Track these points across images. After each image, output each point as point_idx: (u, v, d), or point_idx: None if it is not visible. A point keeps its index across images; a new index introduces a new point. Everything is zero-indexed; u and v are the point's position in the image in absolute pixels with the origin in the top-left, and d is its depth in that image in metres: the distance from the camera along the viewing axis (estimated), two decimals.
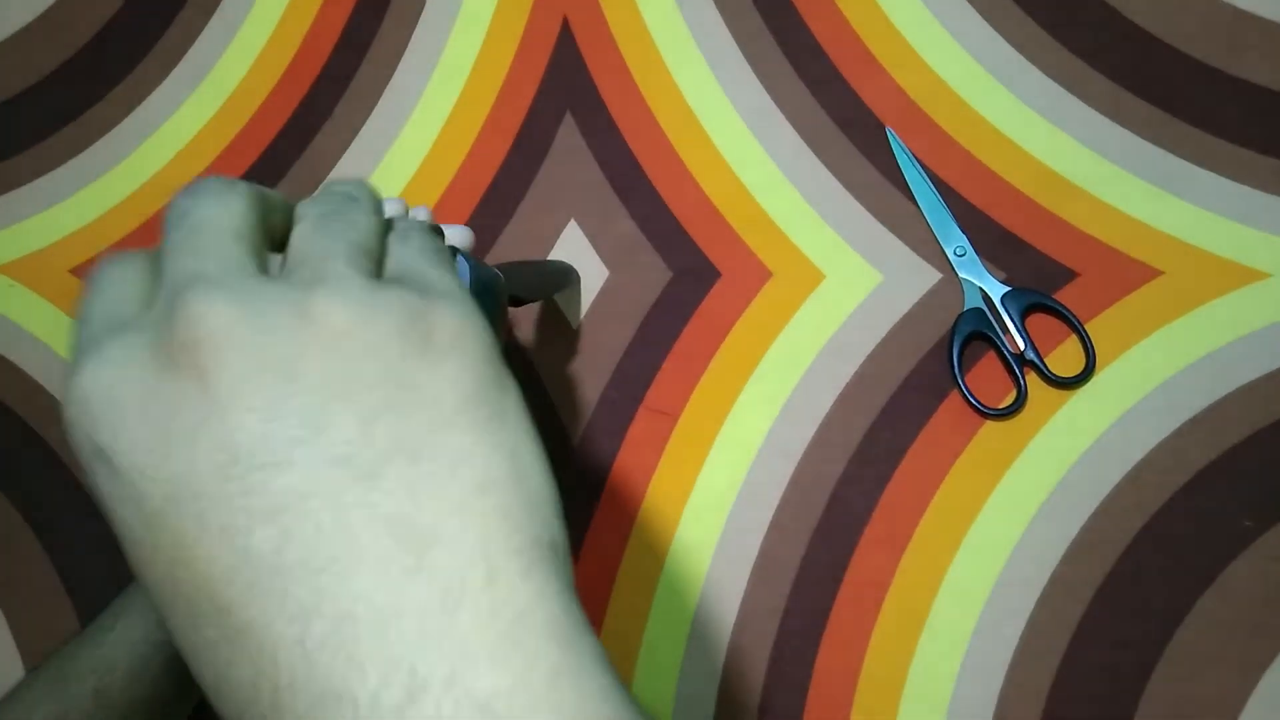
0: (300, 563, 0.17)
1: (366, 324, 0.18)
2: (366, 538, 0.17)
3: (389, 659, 0.16)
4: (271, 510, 0.17)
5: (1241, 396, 0.44)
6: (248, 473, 0.17)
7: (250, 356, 0.17)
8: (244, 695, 0.17)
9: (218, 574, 0.17)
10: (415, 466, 0.18)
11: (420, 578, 0.17)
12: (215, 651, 0.17)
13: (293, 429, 0.17)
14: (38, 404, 0.52)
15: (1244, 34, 0.49)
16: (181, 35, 0.58)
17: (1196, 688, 0.41)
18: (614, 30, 0.54)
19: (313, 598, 0.16)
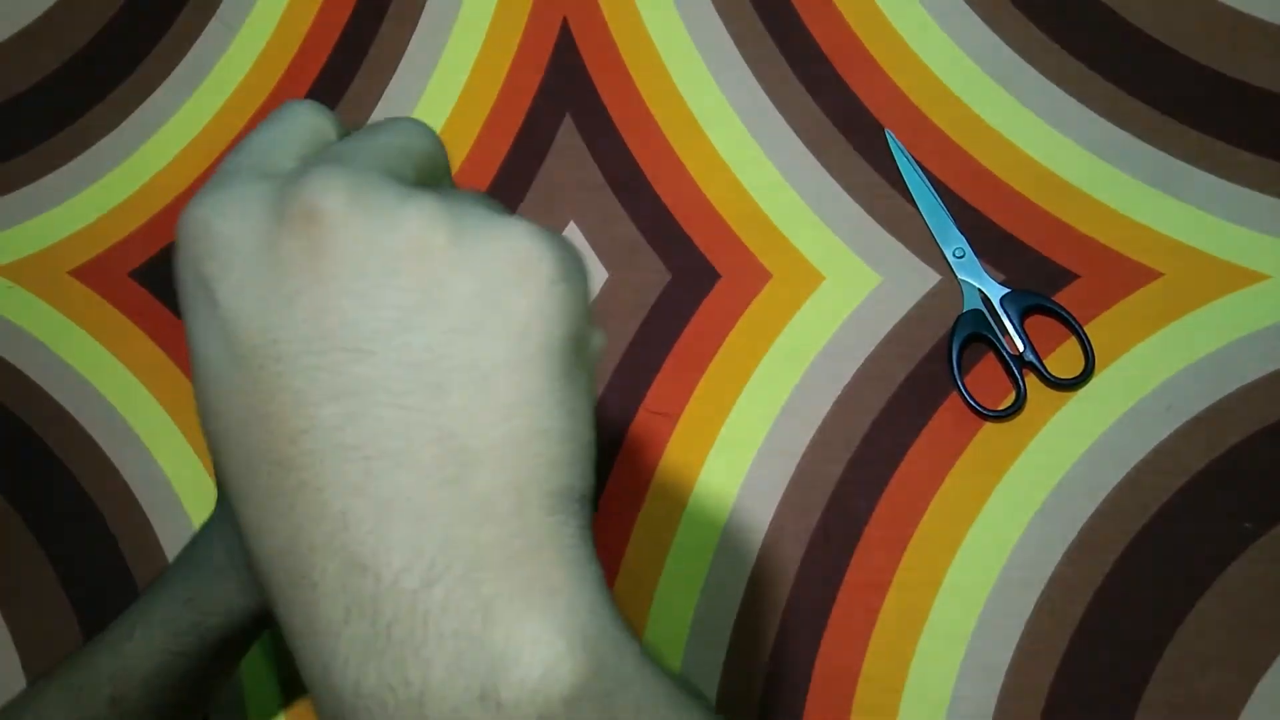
0: (357, 445, 0.18)
1: (479, 238, 0.19)
2: (419, 441, 0.18)
3: (414, 548, 0.18)
4: (343, 391, 0.18)
5: (1241, 398, 0.44)
6: (331, 350, 0.18)
7: (360, 243, 0.18)
8: (282, 544, 0.18)
9: (284, 431, 0.18)
10: (482, 393, 0.19)
11: (456, 489, 0.18)
12: (267, 501, 0.19)
13: (381, 323, 0.18)
14: (38, 407, 0.52)
15: (1244, 36, 0.49)
16: (182, 36, 0.58)
17: (1196, 688, 0.41)
18: (614, 32, 0.54)
19: (361, 479, 0.18)
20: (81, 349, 0.53)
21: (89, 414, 0.51)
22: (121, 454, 0.51)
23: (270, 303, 0.18)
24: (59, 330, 0.53)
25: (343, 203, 0.18)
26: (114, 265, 0.54)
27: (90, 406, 0.52)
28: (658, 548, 0.46)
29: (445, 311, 0.18)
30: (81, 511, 0.50)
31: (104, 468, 0.50)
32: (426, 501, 0.18)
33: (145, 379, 0.52)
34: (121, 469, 0.50)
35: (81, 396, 0.52)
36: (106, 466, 0.50)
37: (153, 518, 0.49)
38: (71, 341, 0.53)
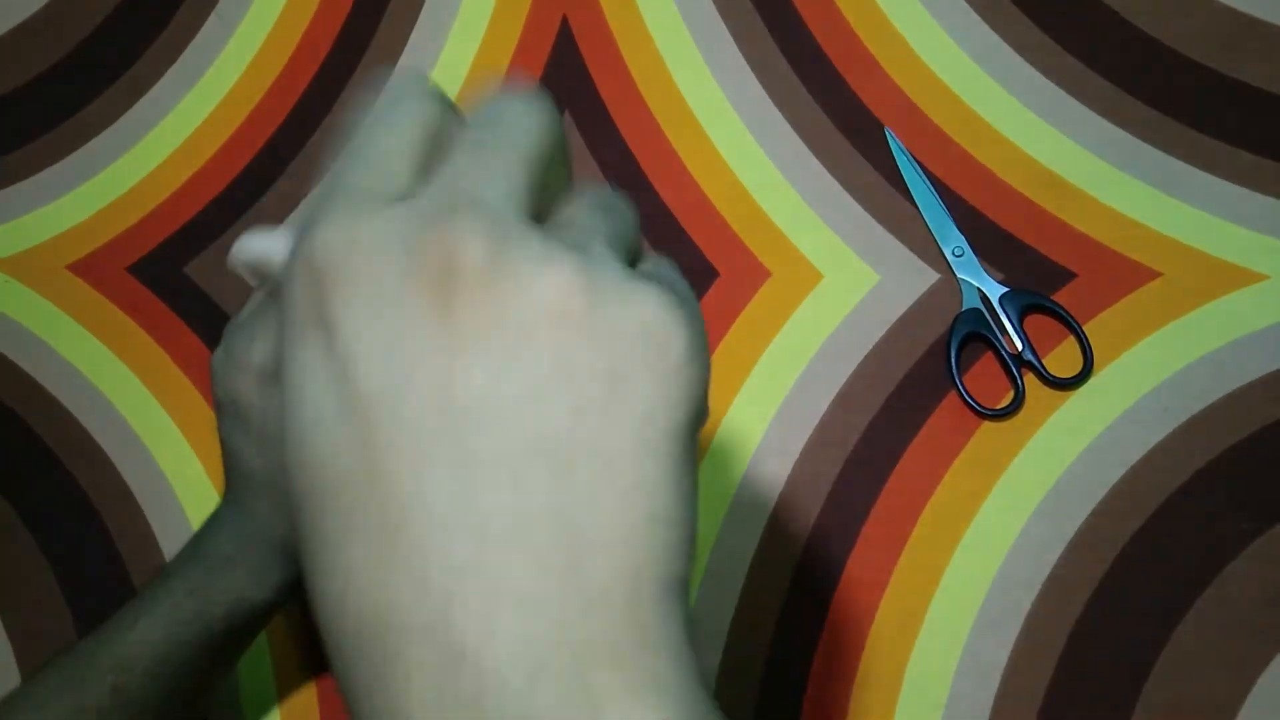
0: (469, 523, 0.17)
1: (611, 309, 0.18)
2: (534, 524, 0.17)
3: (522, 638, 0.16)
4: (461, 463, 0.17)
5: (1239, 398, 0.44)
6: (453, 418, 0.17)
7: (496, 307, 0.17)
8: (366, 619, 0.17)
9: (393, 496, 0.17)
10: (603, 476, 0.17)
11: (570, 577, 0.17)
12: (358, 566, 0.17)
13: (507, 397, 0.17)
14: (36, 402, 0.52)
15: (1243, 36, 0.49)
16: (180, 32, 0.58)
17: (1193, 688, 0.41)
18: (614, 29, 0.54)
19: (470, 559, 0.17)
20: (79, 344, 0.52)
21: (86, 409, 0.51)
22: (118, 450, 0.51)
23: (397, 355, 0.17)
24: (56, 325, 0.53)
25: (482, 259, 0.17)
26: (112, 260, 0.54)
27: (87, 402, 0.51)
28: None
29: (573, 387, 0.17)
30: (78, 507, 0.50)
31: (100, 463, 0.50)
32: (537, 588, 0.17)
33: (142, 374, 0.52)
34: (118, 465, 0.50)
35: (78, 392, 0.52)
36: (103, 462, 0.50)
37: (149, 514, 0.49)
38: (69, 337, 0.53)
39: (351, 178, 0.19)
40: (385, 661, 0.17)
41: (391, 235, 0.17)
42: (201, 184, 0.55)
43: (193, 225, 0.54)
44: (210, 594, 0.36)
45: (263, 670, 0.46)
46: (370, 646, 0.17)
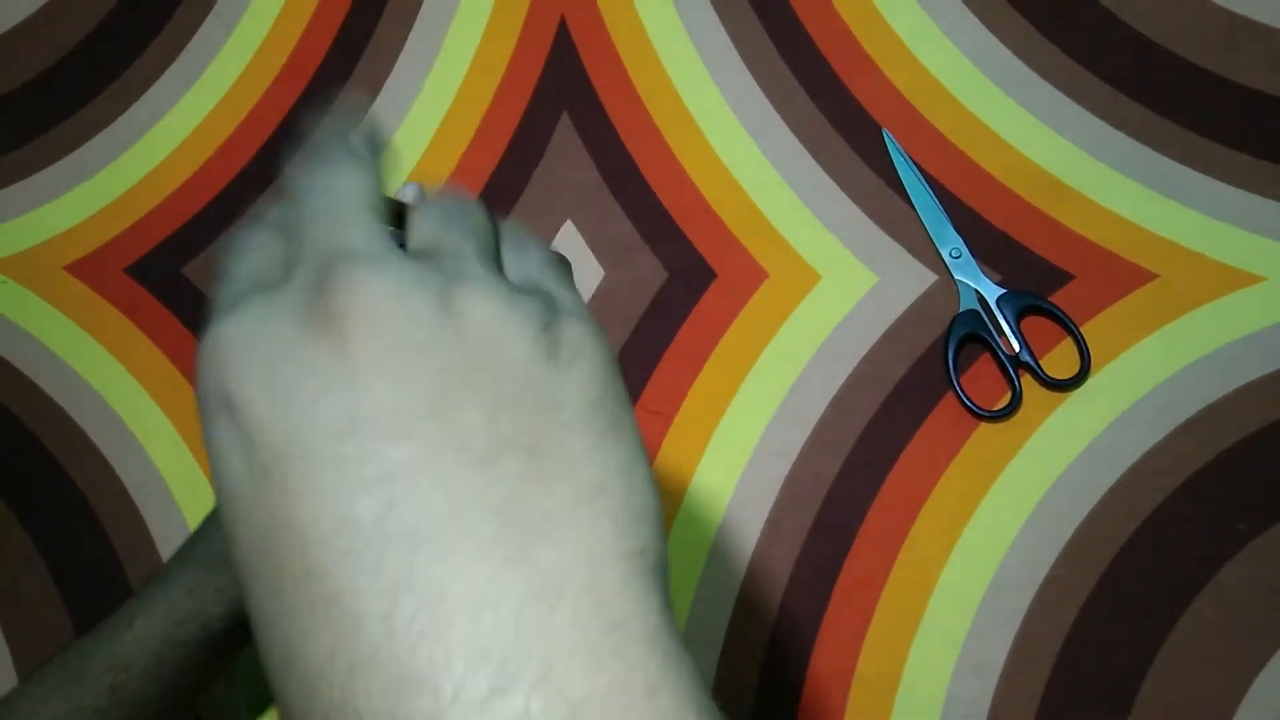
0: (401, 535, 0.16)
1: (504, 324, 0.18)
2: (473, 519, 0.16)
3: (479, 648, 0.15)
4: (381, 478, 0.17)
5: (1236, 400, 0.44)
6: (366, 439, 0.17)
7: (393, 333, 0.18)
8: (316, 670, 0.16)
9: (315, 536, 0.16)
10: (533, 460, 0.17)
11: (522, 569, 0.16)
12: (294, 620, 0.16)
13: (420, 404, 0.17)
14: (33, 403, 0.52)
15: (1240, 38, 0.49)
16: (178, 33, 0.58)
17: (1190, 690, 0.41)
18: (611, 30, 0.54)
19: (407, 572, 0.16)
20: (76, 344, 0.52)
21: (83, 409, 0.51)
22: (115, 449, 0.50)
23: (296, 403, 0.17)
24: (53, 326, 0.53)
25: (374, 296, 0.18)
26: (109, 261, 0.54)
27: (84, 402, 0.51)
28: None
29: (484, 392, 0.18)
30: (75, 507, 0.50)
31: (97, 463, 0.50)
32: (486, 588, 0.16)
33: (139, 374, 0.52)
34: (115, 464, 0.50)
35: (75, 392, 0.52)
36: (100, 462, 0.50)
37: (146, 513, 0.49)
38: (66, 337, 0.53)
39: (230, 287, 0.20)
40: (339, 709, 0.16)
41: (276, 307, 0.18)
42: (199, 185, 0.54)
43: (190, 226, 0.54)
44: (207, 594, 0.37)
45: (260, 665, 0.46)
46: (324, 702, 0.16)
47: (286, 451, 0.17)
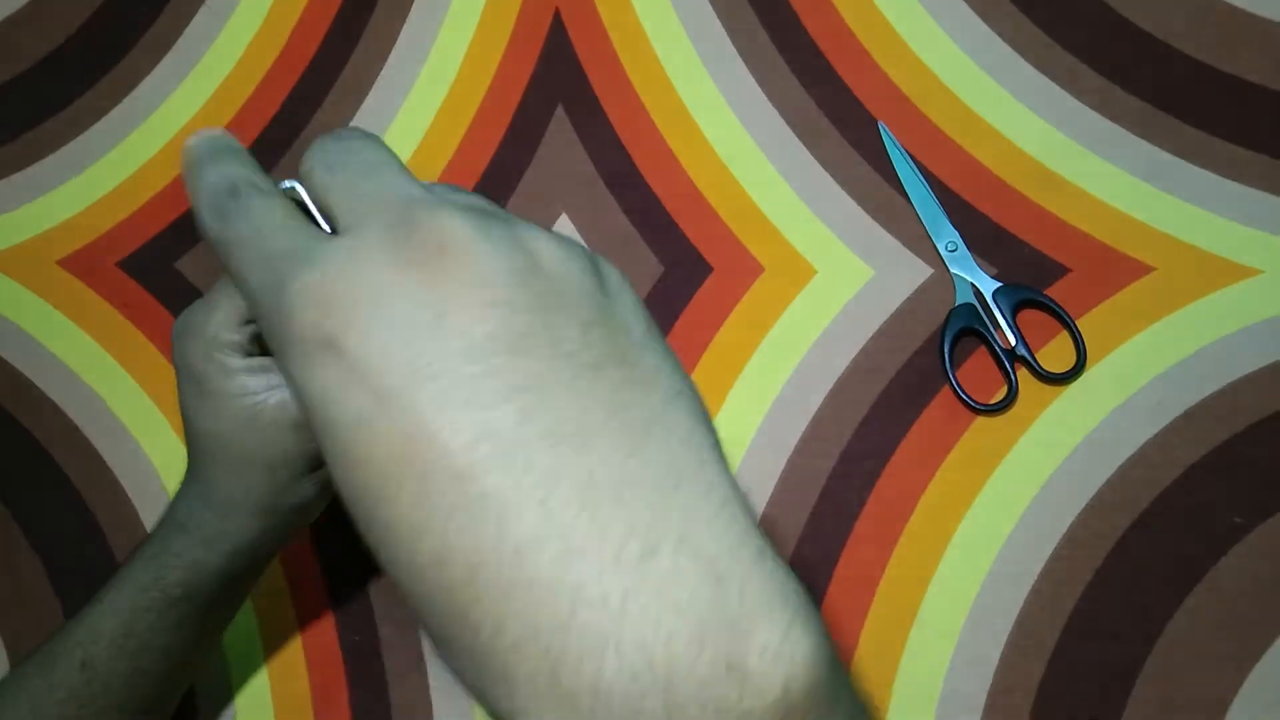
0: (542, 434, 0.18)
1: (569, 259, 0.21)
2: (599, 417, 0.19)
3: (627, 521, 0.18)
4: (513, 390, 0.19)
5: (1232, 393, 0.44)
6: (490, 357, 0.19)
7: (490, 264, 0.20)
8: (479, 558, 0.18)
9: (458, 444, 0.18)
10: (626, 369, 0.20)
11: (646, 453, 0.19)
12: (448, 520, 0.18)
13: (527, 325, 0.19)
14: (26, 398, 0.51)
15: (1236, 30, 0.49)
16: (171, 24, 0.58)
17: (1186, 682, 0.41)
18: (606, 22, 0.54)
19: (555, 464, 0.18)
20: (69, 340, 0.52)
21: (76, 404, 0.51)
22: (109, 444, 0.50)
23: (412, 332, 0.19)
24: (46, 320, 0.53)
25: (467, 233, 0.20)
26: (102, 255, 0.54)
27: (77, 397, 0.51)
28: None
29: (573, 313, 0.20)
30: (68, 502, 0.50)
31: (91, 459, 0.50)
32: (622, 475, 0.18)
33: (132, 369, 0.51)
34: (108, 459, 0.50)
35: (68, 387, 0.51)
36: (93, 457, 0.50)
37: (140, 508, 0.49)
38: (59, 332, 0.52)
39: (288, 239, 0.22)
40: (504, 586, 0.18)
41: (366, 250, 0.20)
42: None
43: (184, 220, 0.54)
44: (165, 559, 0.37)
45: (251, 647, 0.46)
46: (487, 583, 0.18)
47: (413, 376, 0.19)
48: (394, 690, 0.45)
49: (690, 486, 0.19)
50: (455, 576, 0.18)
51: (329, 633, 0.46)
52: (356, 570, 0.47)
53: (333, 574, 0.47)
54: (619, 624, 0.17)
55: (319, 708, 0.45)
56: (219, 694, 0.46)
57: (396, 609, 0.46)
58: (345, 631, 0.46)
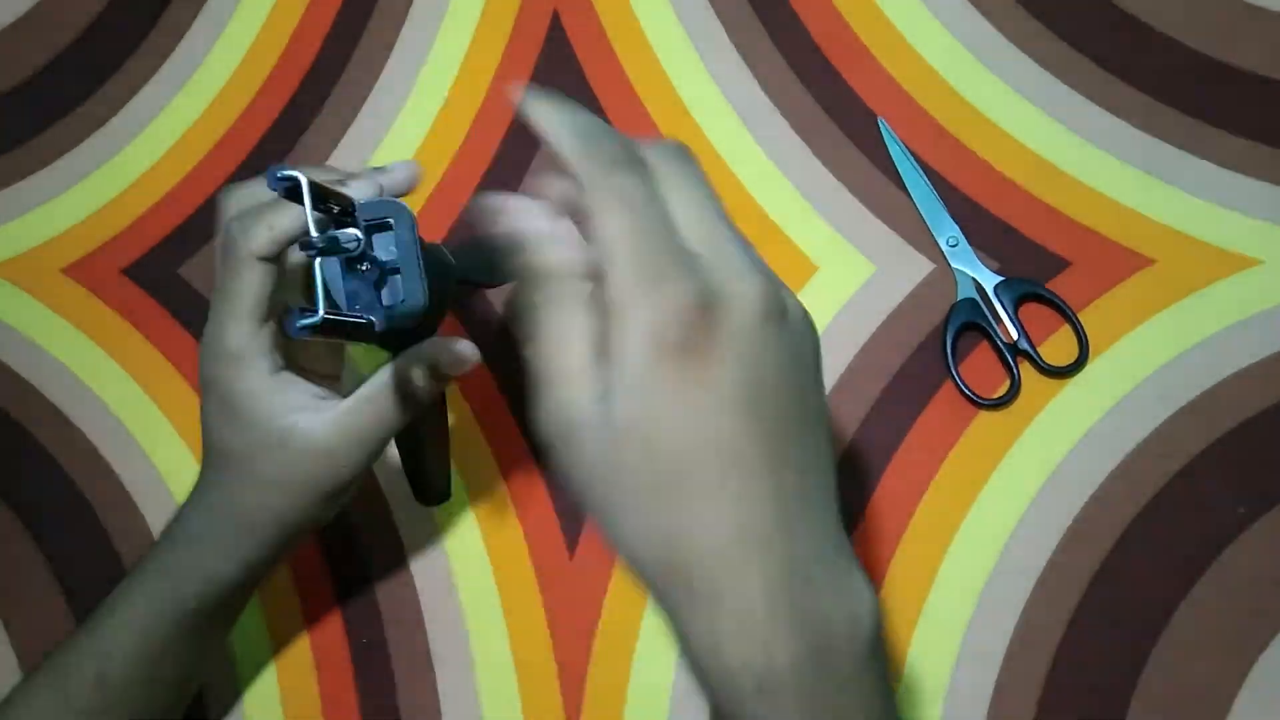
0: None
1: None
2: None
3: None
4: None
5: (1234, 384, 0.44)
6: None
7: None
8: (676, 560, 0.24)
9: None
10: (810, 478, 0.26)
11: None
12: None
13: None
14: (32, 406, 0.52)
15: (1235, 21, 0.49)
16: (169, 33, 0.58)
17: (1191, 674, 0.41)
18: (605, 22, 0.54)
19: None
20: (74, 347, 0.52)
21: (82, 411, 0.51)
22: (115, 451, 0.51)
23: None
24: (51, 328, 0.53)
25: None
26: (106, 263, 0.54)
27: (83, 404, 0.51)
28: None
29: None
30: (75, 509, 0.50)
31: (97, 465, 0.50)
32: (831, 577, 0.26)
33: (138, 376, 0.52)
34: (115, 466, 0.50)
35: (74, 394, 0.52)
36: (100, 464, 0.50)
37: (147, 514, 0.49)
38: (64, 339, 0.53)
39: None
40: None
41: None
42: (194, 185, 0.54)
43: (186, 227, 0.54)
44: (180, 572, 0.37)
45: (259, 641, 0.46)
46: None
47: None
48: (402, 692, 0.45)
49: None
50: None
51: (337, 634, 0.46)
52: (364, 572, 0.47)
53: (341, 576, 0.47)
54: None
55: (327, 709, 0.45)
56: (228, 696, 0.46)
57: (404, 611, 0.46)
58: (353, 633, 0.46)
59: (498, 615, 0.45)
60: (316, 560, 0.47)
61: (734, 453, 0.24)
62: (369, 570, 0.47)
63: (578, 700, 0.44)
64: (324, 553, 0.48)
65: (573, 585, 0.45)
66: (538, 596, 0.45)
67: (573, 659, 0.44)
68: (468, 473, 0.48)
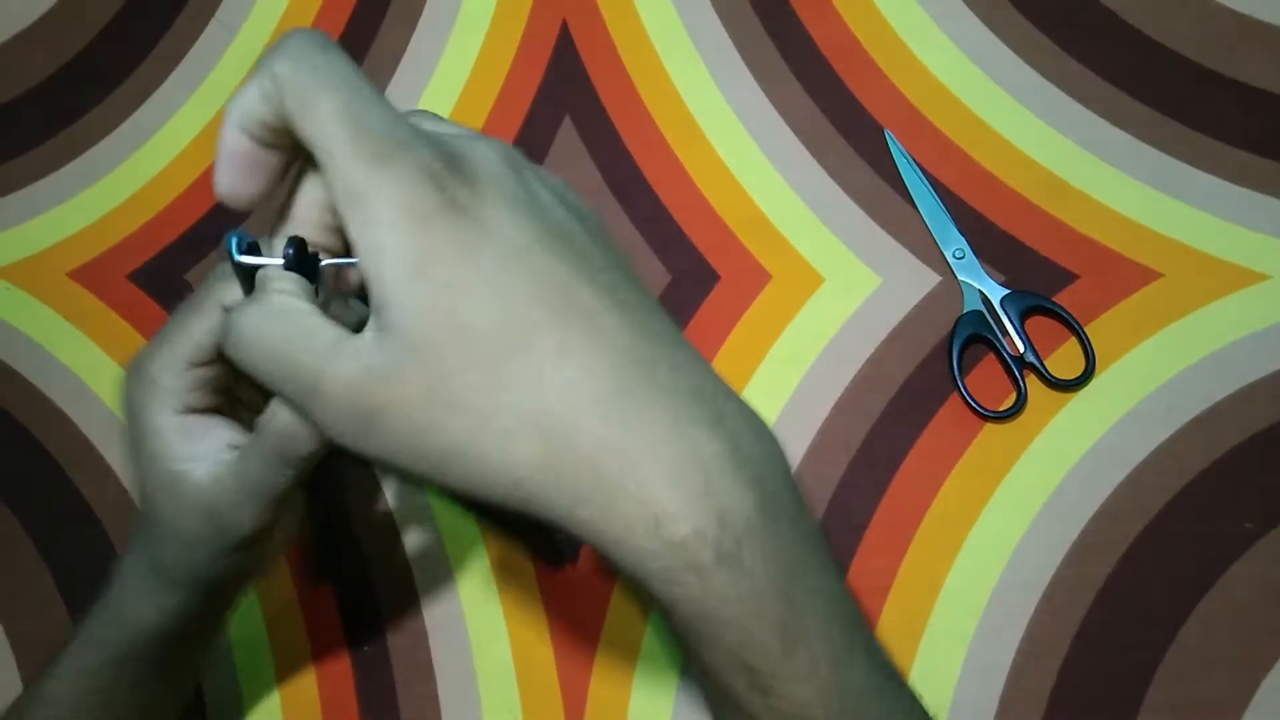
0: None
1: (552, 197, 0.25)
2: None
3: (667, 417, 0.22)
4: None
5: (1242, 398, 0.44)
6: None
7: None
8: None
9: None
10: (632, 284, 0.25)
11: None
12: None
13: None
14: (38, 410, 0.52)
15: (1242, 36, 0.49)
16: (180, 38, 0.58)
17: (1198, 690, 0.41)
18: (613, 33, 0.54)
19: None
20: (81, 351, 0.53)
21: (87, 417, 0.51)
22: (118, 456, 0.50)
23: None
24: (57, 332, 0.53)
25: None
26: (112, 267, 0.54)
27: (88, 409, 0.51)
28: None
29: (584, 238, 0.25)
30: (79, 516, 0.50)
31: (102, 471, 0.50)
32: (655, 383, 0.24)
33: None
34: (120, 473, 0.50)
35: (80, 399, 0.52)
36: (105, 470, 0.50)
37: None
38: (70, 344, 0.53)
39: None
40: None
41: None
42: (203, 190, 0.55)
43: (194, 232, 0.54)
44: (109, 615, 0.35)
45: (264, 667, 0.46)
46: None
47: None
48: (403, 701, 0.45)
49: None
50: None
51: (338, 643, 0.46)
52: (366, 580, 0.47)
53: (342, 584, 0.47)
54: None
55: (328, 718, 0.45)
56: (228, 704, 0.46)
57: (406, 619, 0.46)
58: (354, 641, 0.46)
59: (500, 624, 0.45)
60: (318, 568, 0.47)
61: (563, 298, 0.21)
62: (371, 578, 0.47)
63: (579, 710, 0.44)
64: (326, 560, 0.47)
65: (575, 594, 0.45)
66: (540, 605, 0.45)
67: (575, 669, 0.44)
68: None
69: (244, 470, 0.29)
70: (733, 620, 0.21)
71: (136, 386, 0.31)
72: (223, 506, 0.30)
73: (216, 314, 0.30)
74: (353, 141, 0.21)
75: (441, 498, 0.45)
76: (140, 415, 0.31)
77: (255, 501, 0.30)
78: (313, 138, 0.22)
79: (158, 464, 0.31)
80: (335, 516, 0.48)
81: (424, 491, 0.47)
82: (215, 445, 0.31)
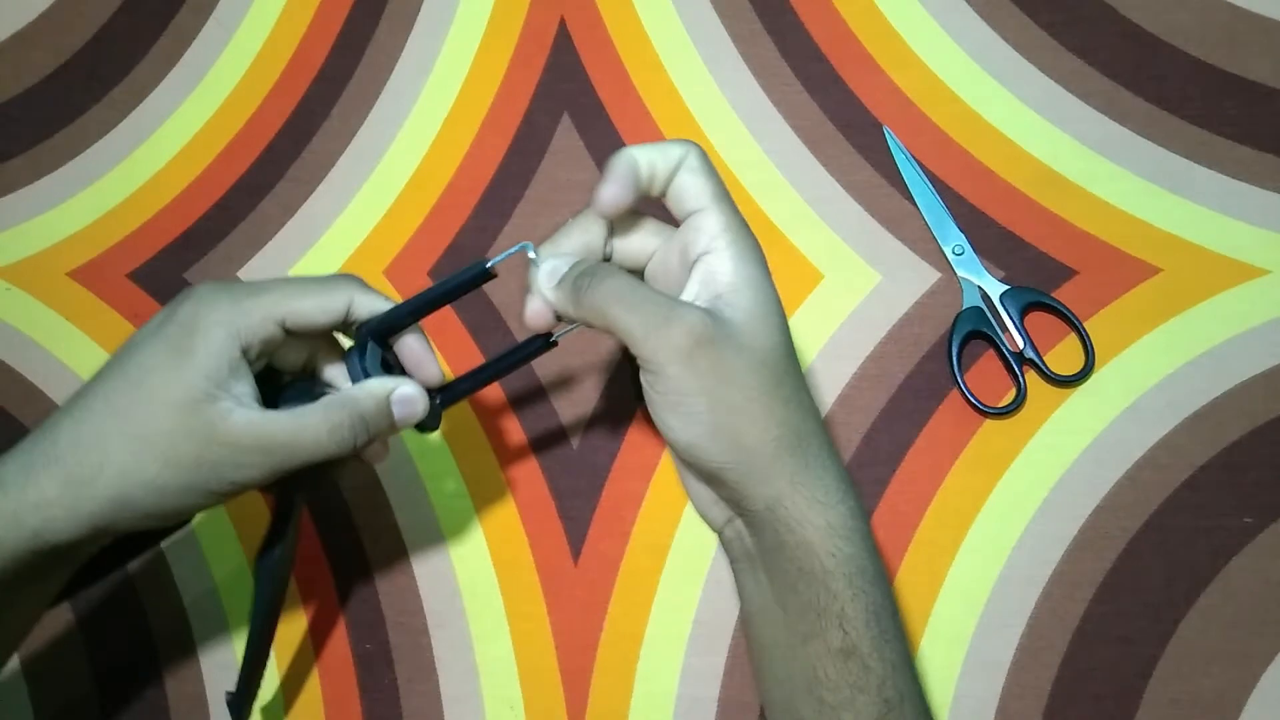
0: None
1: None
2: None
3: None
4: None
5: (1241, 393, 0.44)
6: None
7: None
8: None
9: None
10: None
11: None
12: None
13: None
14: (39, 409, 0.52)
15: (1241, 31, 0.49)
16: (178, 38, 0.58)
17: (1198, 684, 0.41)
18: (611, 30, 0.54)
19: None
20: (80, 351, 0.53)
21: None
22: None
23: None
24: (58, 332, 0.53)
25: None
26: (112, 267, 0.54)
27: None
28: (658, 548, 0.46)
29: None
30: None
31: None
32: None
33: None
34: None
35: None
36: None
37: None
38: (70, 343, 0.53)
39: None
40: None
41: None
42: (202, 190, 0.55)
43: (193, 231, 0.54)
44: (20, 497, 0.32)
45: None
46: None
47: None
48: (405, 698, 0.45)
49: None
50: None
51: (340, 641, 0.46)
52: (368, 579, 0.47)
53: (344, 583, 0.47)
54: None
55: (331, 716, 0.45)
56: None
57: (408, 616, 0.46)
58: (357, 640, 0.46)
59: (501, 621, 0.45)
60: (320, 565, 0.47)
61: (775, 381, 0.33)
62: (372, 576, 0.47)
63: (581, 706, 0.44)
64: (328, 558, 0.47)
65: (577, 591, 0.45)
66: (542, 602, 0.45)
67: (577, 665, 0.44)
68: (472, 478, 0.48)
69: (276, 425, 0.33)
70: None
71: (219, 306, 0.33)
72: (240, 445, 0.32)
73: (333, 300, 0.35)
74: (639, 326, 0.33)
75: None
76: (200, 325, 0.32)
77: (269, 454, 0.32)
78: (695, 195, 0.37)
79: (196, 377, 0.32)
80: (337, 517, 0.48)
81: (425, 492, 0.47)
82: (245, 391, 0.33)
